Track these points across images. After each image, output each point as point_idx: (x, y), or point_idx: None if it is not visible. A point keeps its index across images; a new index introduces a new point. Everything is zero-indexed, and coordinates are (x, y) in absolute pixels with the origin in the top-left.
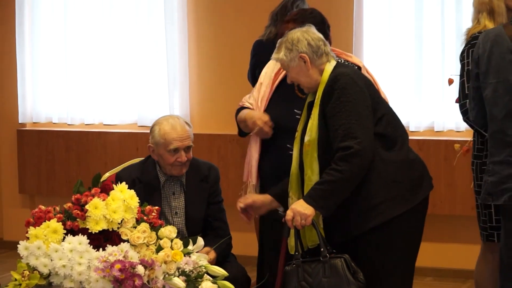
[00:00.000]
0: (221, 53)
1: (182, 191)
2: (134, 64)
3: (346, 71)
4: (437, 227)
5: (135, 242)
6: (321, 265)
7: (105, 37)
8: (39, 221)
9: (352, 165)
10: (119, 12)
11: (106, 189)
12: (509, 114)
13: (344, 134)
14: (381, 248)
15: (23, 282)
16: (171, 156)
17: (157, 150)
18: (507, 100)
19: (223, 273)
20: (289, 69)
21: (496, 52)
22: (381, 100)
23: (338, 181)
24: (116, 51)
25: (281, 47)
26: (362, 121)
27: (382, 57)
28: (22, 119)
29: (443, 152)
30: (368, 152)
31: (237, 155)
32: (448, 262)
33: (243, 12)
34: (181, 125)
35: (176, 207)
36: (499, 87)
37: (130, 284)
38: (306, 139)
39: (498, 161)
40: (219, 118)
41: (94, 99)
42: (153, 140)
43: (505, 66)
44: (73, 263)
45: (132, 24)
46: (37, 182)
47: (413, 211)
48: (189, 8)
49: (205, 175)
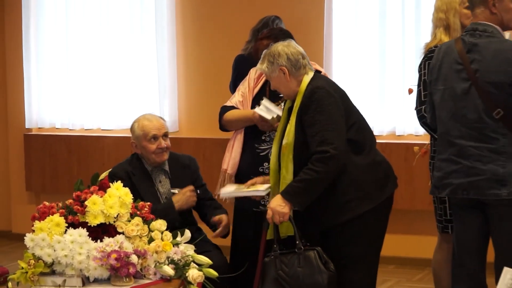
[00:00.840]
0: (206, 66)
1: (167, 178)
2: (128, 76)
3: (322, 84)
4: (399, 221)
5: (129, 234)
6: (296, 256)
7: (102, 53)
8: (44, 216)
9: (328, 167)
10: (114, 31)
11: (104, 187)
12: (453, 117)
13: (321, 140)
14: (350, 240)
15: (29, 270)
16: (152, 144)
17: (139, 143)
18: (451, 105)
19: (207, 261)
20: (271, 79)
21: (445, 62)
22: (353, 108)
23: (314, 180)
24: (112, 64)
25: (264, 59)
26: (336, 129)
27: (350, 69)
28: (28, 124)
29: (403, 154)
30: (342, 156)
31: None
32: (408, 251)
33: (226, 29)
34: (155, 117)
35: (164, 193)
36: (445, 93)
37: (125, 272)
38: (284, 142)
39: (443, 158)
40: (204, 124)
41: (93, 106)
42: (134, 135)
43: (452, 75)
44: (74, 253)
45: (126, 41)
46: (42, 181)
47: (379, 208)
48: (178, 26)
49: (186, 164)
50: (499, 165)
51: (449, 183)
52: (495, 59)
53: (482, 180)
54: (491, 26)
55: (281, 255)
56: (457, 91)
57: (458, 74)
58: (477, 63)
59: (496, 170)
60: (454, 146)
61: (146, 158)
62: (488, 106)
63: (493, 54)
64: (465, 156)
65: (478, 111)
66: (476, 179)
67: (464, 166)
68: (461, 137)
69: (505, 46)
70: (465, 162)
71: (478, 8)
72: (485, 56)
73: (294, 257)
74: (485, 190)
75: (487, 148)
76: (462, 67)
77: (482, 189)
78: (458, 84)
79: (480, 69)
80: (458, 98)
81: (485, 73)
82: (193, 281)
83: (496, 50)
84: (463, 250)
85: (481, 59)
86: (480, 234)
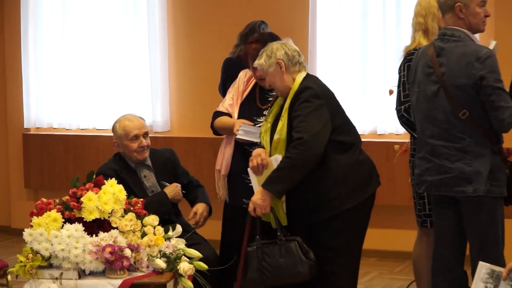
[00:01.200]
0: (196, 69)
1: (151, 172)
2: (122, 78)
3: (312, 85)
4: (380, 215)
5: (123, 229)
6: (277, 247)
7: (97, 56)
8: (41, 212)
9: (299, 151)
10: (109, 36)
11: (99, 184)
12: (426, 118)
13: (299, 130)
14: (334, 234)
15: (27, 263)
16: (134, 143)
17: (121, 143)
18: (425, 106)
19: (197, 254)
20: (268, 73)
21: (420, 66)
22: (340, 110)
23: (288, 167)
24: (107, 67)
25: (262, 54)
26: (316, 125)
27: (333, 71)
28: (27, 124)
29: (384, 152)
30: (315, 144)
31: (210, 154)
32: (389, 245)
33: (215, 33)
34: (136, 117)
35: (150, 187)
36: (420, 95)
37: (119, 265)
38: (276, 137)
39: (420, 156)
40: (194, 124)
41: (88, 107)
42: (116, 135)
43: (424, 78)
44: (71, 247)
45: (120, 45)
46: (40, 178)
47: (362, 205)
48: (169, 31)
49: (167, 156)
50: (466, 163)
51: (424, 180)
52: (459, 62)
53: (451, 177)
54: (459, 31)
55: (263, 246)
56: (428, 93)
57: (429, 77)
58: (444, 67)
59: (462, 168)
60: (428, 145)
61: (128, 156)
62: (454, 107)
63: (457, 57)
64: (436, 155)
65: (446, 112)
66: (445, 176)
67: (435, 164)
68: (432, 136)
69: (468, 50)
70: (436, 161)
71: (447, 14)
72: (450, 60)
73: (275, 248)
74: (453, 187)
75: (454, 147)
76: (432, 70)
77: (450, 186)
78: (429, 87)
79: (446, 72)
80: (429, 100)
81: (451, 76)
82: (184, 274)
83: (460, 54)
84: (440, 243)
85: (447, 62)
86: (456, 228)
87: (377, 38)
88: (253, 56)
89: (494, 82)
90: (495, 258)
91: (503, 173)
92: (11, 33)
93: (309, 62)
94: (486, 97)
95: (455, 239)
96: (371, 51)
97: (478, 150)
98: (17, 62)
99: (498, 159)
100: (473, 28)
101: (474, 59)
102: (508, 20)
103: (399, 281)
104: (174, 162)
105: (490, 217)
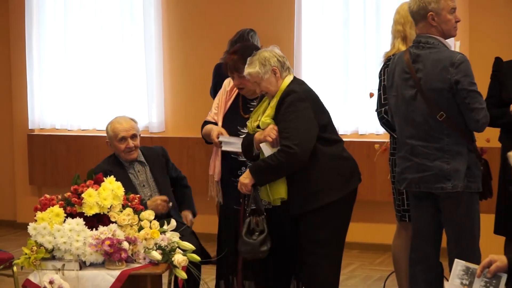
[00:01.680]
0: (189, 73)
1: (144, 166)
2: (120, 82)
3: (297, 88)
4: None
5: (121, 223)
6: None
7: (96, 62)
8: (45, 207)
9: (287, 160)
10: (107, 43)
11: (98, 181)
12: (405, 120)
13: (287, 136)
14: (317, 227)
15: (32, 255)
16: (121, 144)
17: (111, 143)
18: (403, 109)
19: (191, 247)
20: (262, 80)
21: (397, 71)
22: (325, 111)
23: (274, 166)
24: (105, 72)
25: (254, 62)
26: (301, 130)
27: (317, 75)
28: (31, 126)
29: (365, 151)
30: (302, 154)
31: (202, 154)
32: (370, 238)
33: (208, 39)
34: (126, 120)
35: (142, 181)
36: (398, 99)
37: (118, 257)
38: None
39: (400, 156)
40: (188, 124)
41: (89, 109)
42: (108, 135)
43: (401, 83)
44: (72, 240)
45: (118, 52)
46: (44, 176)
47: (344, 199)
48: (164, 38)
49: (160, 153)
50: (444, 161)
51: (405, 177)
52: (435, 68)
53: (430, 175)
54: (433, 38)
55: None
56: (406, 97)
57: (406, 82)
58: (421, 72)
59: (441, 166)
60: (407, 145)
61: (118, 155)
62: (431, 110)
63: (432, 63)
64: (415, 154)
65: (424, 114)
66: (424, 174)
67: (415, 163)
68: (411, 137)
69: (442, 56)
70: (416, 160)
71: (420, 23)
72: (426, 66)
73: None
74: (433, 184)
75: (433, 147)
76: (409, 75)
77: (430, 183)
78: (407, 91)
79: (423, 77)
80: (407, 103)
81: (428, 81)
82: (178, 265)
83: (434, 60)
84: (418, 236)
85: (423, 68)
86: (433, 222)
87: (358, 44)
88: (231, 66)
89: (469, 86)
90: (472, 251)
91: (479, 169)
92: (16, 41)
93: (294, 66)
94: (462, 100)
95: (431, 231)
96: (352, 56)
97: (455, 149)
98: (22, 68)
99: (474, 157)
100: (445, 34)
101: (448, 64)
102: (481, 23)
103: (379, 272)
104: (165, 156)
105: (467, 212)
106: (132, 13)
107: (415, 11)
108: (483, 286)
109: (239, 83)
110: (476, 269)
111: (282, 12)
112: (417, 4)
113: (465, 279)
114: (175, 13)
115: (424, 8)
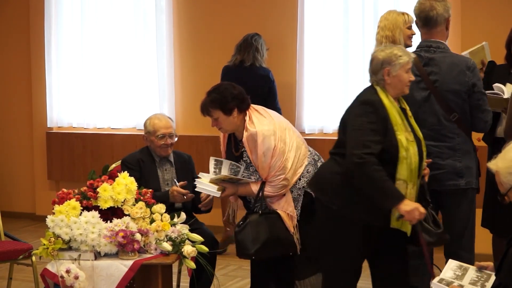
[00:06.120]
0: (199, 74)
1: (172, 167)
2: (133, 83)
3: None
4: None
5: (134, 216)
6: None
7: (111, 64)
8: (62, 201)
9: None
10: (121, 46)
11: (113, 177)
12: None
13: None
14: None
15: (50, 246)
16: (159, 140)
17: (149, 137)
18: (414, 111)
19: (199, 239)
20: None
21: None
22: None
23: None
24: (120, 74)
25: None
26: None
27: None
28: (49, 124)
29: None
30: None
31: (211, 151)
32: None
33: (216, 43)
34: (165, 118)
35: (167, 179)
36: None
37: (130, 247)
38: None
39: None
40: (198, 123)
41: (104, 109)
42: (146, 130)
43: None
44: (88, 232)
45: (131, 54)
46: (61, 171)
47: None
48: (174, 41)
49: (186, 159)
50: (456, 160)
51: None
52: (451, 71)
53: (442, 173)
54: (443, 43)
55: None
56: (418, 99)
57: (417, 84)
58: (435, 75)
59: (454, 164)
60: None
61: (153, 150)
62: (445, 110)
63: (448, 66)
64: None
65: (437, 115)
66: (437, 172)
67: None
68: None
69: (458, 60)
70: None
71: (439, 26)
72: (442, 69)
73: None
74: (445, 182)
75: (445, 146)
76: (420, 78)
77: (442, 181)
78: (418, 93)
79: (439, 79)
80: (419, 105)
81: (444, 83)
82: (187, 256)
83: (450, 63)
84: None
85: (438, 71)
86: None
87: (358, 46)
88: (202, 108)
89: (482, 89)
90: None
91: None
92: (36, 45)
93: (297, 68)
94: (476, 101)
95: None
96: (353, 58)
97: (465, 148)
98: (41, 69)
99: (476, 155)
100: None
101: (465, 68)
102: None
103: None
104: (191, 166)
105: (470, 207)
106: (145, 18)
107: (440, 13)
108: (474, 278)
109: (214, 124)
110: (469, 267)
111: (286, 18)
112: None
113: (458, 271)
114: (186, 17)
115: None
